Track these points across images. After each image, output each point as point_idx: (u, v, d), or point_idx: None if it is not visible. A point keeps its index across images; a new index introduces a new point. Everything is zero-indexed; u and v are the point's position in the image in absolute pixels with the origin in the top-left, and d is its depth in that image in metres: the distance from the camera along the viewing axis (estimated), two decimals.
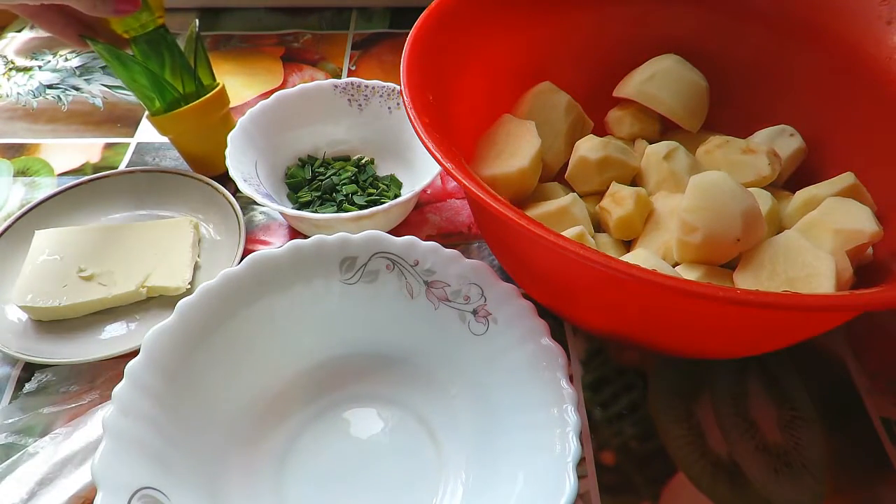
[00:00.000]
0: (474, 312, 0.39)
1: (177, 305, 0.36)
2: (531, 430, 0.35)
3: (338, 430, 0.38)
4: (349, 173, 0.52)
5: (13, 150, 0.58)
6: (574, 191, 0.45)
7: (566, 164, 0.46)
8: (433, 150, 0.34)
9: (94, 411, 0.39)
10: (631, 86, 0.47)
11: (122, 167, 0.56)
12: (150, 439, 0.33)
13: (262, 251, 0.38)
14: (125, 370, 0.34)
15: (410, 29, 0.40)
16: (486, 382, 0.38)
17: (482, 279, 0.39)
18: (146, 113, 0.51)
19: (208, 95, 0.50)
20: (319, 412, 0.39)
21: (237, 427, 0.37)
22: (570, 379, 0.35)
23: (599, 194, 0.44)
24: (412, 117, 0.35)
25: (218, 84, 0.51)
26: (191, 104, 0.49)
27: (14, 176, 0.56)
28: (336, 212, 0.49)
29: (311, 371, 0.40)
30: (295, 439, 0.38)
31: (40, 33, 0.72)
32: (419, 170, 0.50)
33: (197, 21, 0.50)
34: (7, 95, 0.64)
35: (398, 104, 0.53)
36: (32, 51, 0.70)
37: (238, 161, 0.48)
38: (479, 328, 0.38)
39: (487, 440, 0.36)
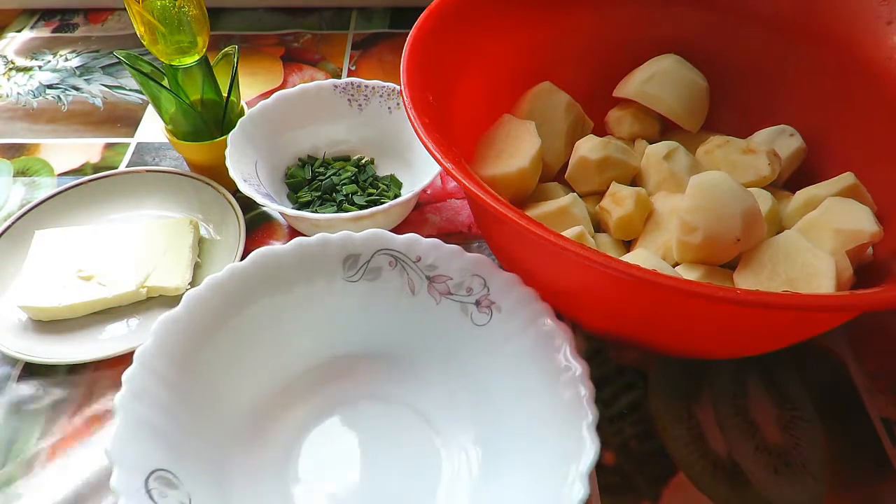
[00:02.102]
0: (477, 303, 0.39)
1: (184, 296, 0.36)
2: (538, 411, 0.35)
3: (342, 425, 0.39)
4: (349, 173, 0.51)
5: (13, 150, 0.58)
6: (574, 191, 0.45)
7: (566, 164, 0.46)
8: (433, 150, 0.34)
9: (92, 413, 0.39)
10: (631, 86, 0.47)
11: (122, 167, 0.56)
12: (160, 422, 0.33)
13: (267, 247, 0.38)
14: (135, 355, 0.34)
15: (410, 29, 0.40)
16: (489, 373, 0.38)
17: (484, 270, 0.39)
18: (163, 126, 0.51)
19: (234, 131, 0.49)
20: (324, 408, 0.39)
21: (243, 420, 0.37)
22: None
23: (599, 194, 0.44)
24: (412, 117, 0.35)
25: (242, 112, 0.51)
26: (217, 140, 0.50)
27: (14, 176, 0.56)
28: (336, 212, 0.49)
29: (314, 369, 0.40)
30: (300, 435, 0.38)
31: (40, 33, 0.72)
32: (419, 170, 0.50)
33: (237, 48, 0.50)
34: (7, 95, 0.64)
35: (398, 104, 0.53)
36: (32, 51, 0.70)
37: (238, 161, 0.48)
38: (481, 318, 0.38)
39: (492, 430, 0.37)
